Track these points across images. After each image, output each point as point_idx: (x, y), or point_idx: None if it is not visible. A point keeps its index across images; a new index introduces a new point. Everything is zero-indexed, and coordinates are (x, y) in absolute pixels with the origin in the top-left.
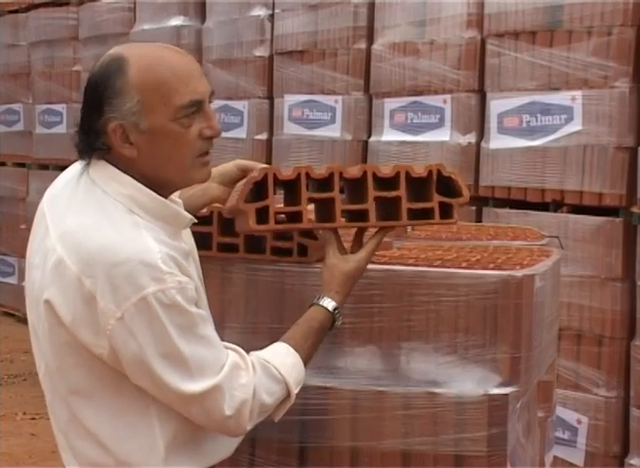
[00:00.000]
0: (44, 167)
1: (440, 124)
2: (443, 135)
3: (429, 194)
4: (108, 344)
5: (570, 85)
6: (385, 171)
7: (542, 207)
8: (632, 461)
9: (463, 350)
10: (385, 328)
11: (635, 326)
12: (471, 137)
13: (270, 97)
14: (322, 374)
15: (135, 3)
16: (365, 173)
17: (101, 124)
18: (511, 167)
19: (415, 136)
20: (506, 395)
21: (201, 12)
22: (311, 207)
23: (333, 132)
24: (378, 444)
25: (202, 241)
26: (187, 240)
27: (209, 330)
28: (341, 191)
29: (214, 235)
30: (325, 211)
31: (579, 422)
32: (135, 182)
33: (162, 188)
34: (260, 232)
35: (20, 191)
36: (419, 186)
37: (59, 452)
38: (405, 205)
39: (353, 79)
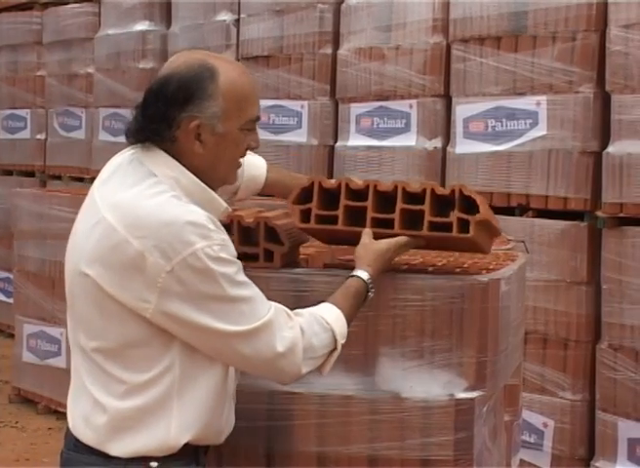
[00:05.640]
0: (8, 172)
1: (406, 129)
2: (409, 139)
3: (450, 211)
4: (157, 298)
5: (535, 90)
6: (414, 187)
7: (508, 211)
8: (598, 464)
9: (430, 354)
10: (352, 332)
11: (600, 329)
12: (437, 142)
13: None
14: None
15: (99, 8)
16: (396, 187)
17: (181, 118)
18: (477, 171)
19: (381, 140)
20: (473, 399)
21: (166, 17)
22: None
23: (299, 137)
24: (344, 449)
25: None
26: None
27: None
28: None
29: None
30: (358, 217)
31: (545, 425)
32: (181, 167)
33: (206, 183)
34: (303, 230)
35: None
36: (444, 204)
37: (22, 461)
38: (427, 217)
39: (319, 84)
